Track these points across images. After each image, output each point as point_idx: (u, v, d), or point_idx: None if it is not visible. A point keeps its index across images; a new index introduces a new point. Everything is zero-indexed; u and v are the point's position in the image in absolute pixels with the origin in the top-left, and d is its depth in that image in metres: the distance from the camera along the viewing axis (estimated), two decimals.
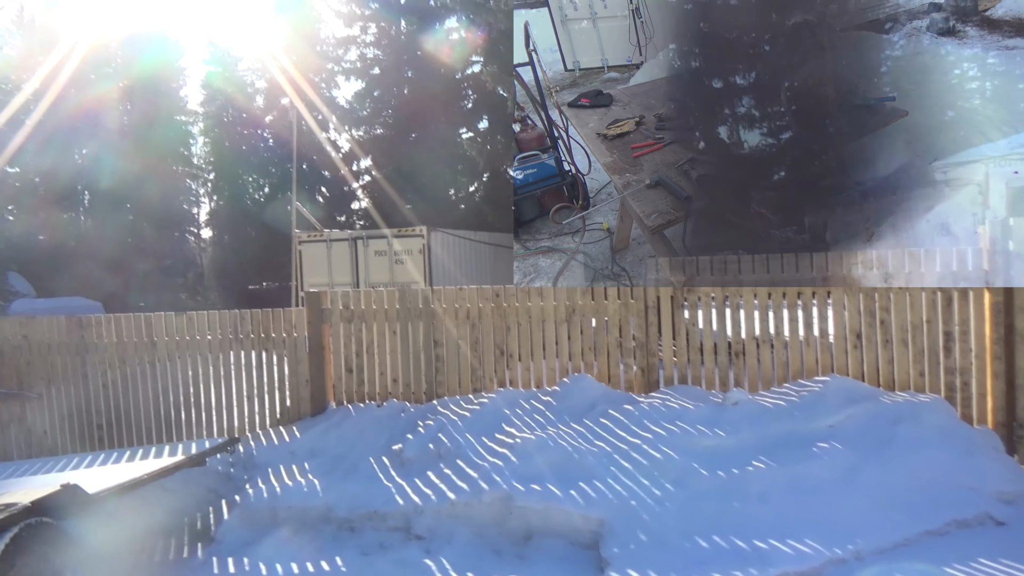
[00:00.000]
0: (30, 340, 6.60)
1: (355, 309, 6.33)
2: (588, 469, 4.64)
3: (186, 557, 4.80)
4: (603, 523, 4.19)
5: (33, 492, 4.03)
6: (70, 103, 21.91)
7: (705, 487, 4.35)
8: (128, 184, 24.11)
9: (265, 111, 27.82)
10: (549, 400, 5.59)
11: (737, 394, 5.19)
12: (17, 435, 6.61)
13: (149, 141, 24.83)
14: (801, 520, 4.00)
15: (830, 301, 5.41)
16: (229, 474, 5.65)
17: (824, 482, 4.26)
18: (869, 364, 5.26)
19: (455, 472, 4.88)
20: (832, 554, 3.72)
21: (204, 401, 6.44)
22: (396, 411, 5.98)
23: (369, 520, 4.76)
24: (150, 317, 6.53)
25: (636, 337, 5.80)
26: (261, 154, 27.80)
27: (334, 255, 12.92)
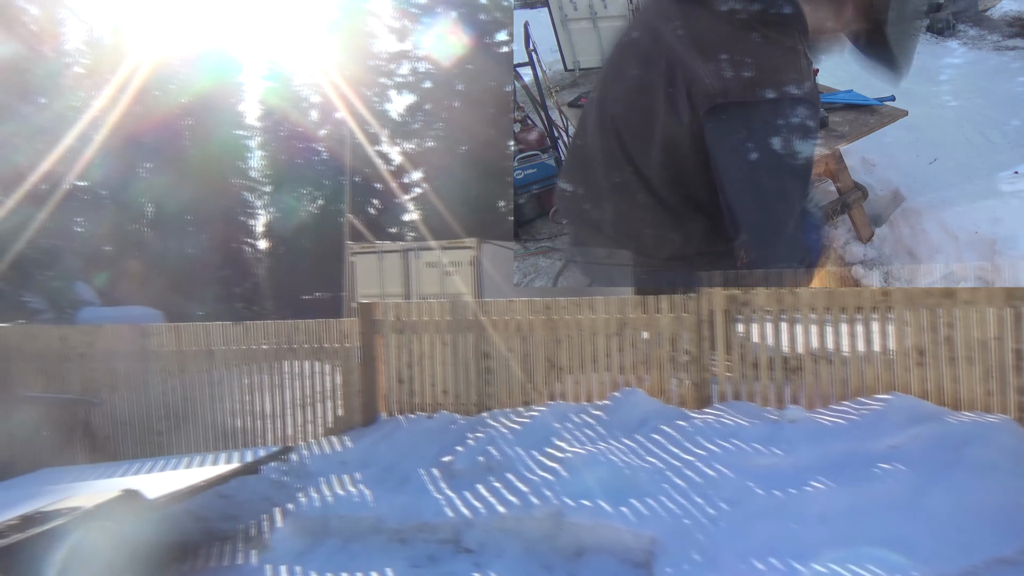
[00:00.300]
0: (95, 348, 6.83)
1: (406, 320, 6.38)
2: (639, 486, 4.57)
3: (241, 564, 4.88)
4: (655, 541, 4.12)
5: (95, 497, 4.15)
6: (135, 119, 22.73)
7: (761, 507, 4.23)
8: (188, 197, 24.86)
9: (319, 125, 28.42)
10: (599, 414, 5.54)
11: (794, 411, 5.06)
12: (82, 440, 6.84)
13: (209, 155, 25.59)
14: (863, 542, 3.86)
15: (891, 316, 5.23)
16: (283, 482, 5.73)
17: (887, 504, 4.11)
18: (933, 382, 5.06)
19: (505, 485, 4.85)
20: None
21: (259, 410, 6.56)
22: (446, 423, 6.00)
23: (419, 532, 4.77)
24: (208, 326, 6.70)
25: (689, 351, 5.70)
26: (315, 167, 28.39)
27: (385, 267, 13.07)
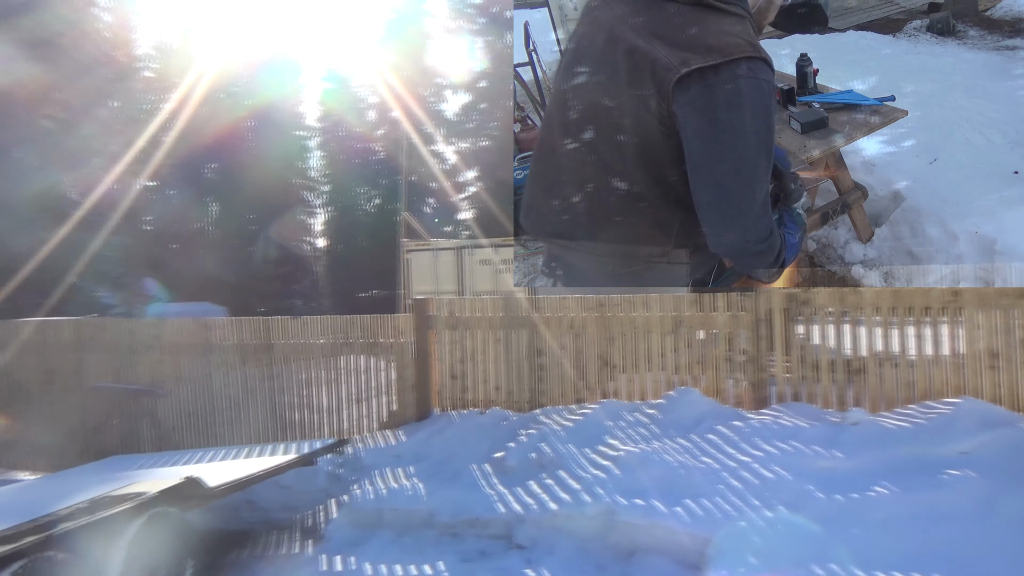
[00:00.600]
0: (161, 341, 7.07)
1: (460, 316, 6.41)
2: (694, 486, 4.49)
3: (297, 553, 4.98)
4: (710, 543, 4.03)
5: (160, 483, 4.28)
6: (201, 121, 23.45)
7: (821, 511, 4.10)
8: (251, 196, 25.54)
9: (376, 125, 28.83)
10: (654, 413, 5.46)
11: (857, 414, 4.89)
12: (148, 429, 7.08)
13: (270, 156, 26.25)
14: (929, 552, 3.71)
15: (962, 319, 5.02)
16: (338, 474, 5.83)
17: (955, 512, 3.94)
18: (1007, 387, 4.84)
19: (557, 482, 4.83)
20: None
21: (315, 403, 6.69)
22: (498, 419, 6.01)
23: (471, 527, 4.79)
24: (268, 320, 6.86)
25: (746, 351, 5.58)
26: (372, 167, 28.82)
27: (440, 264, 13.18)
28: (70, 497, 4.23)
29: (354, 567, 4.50)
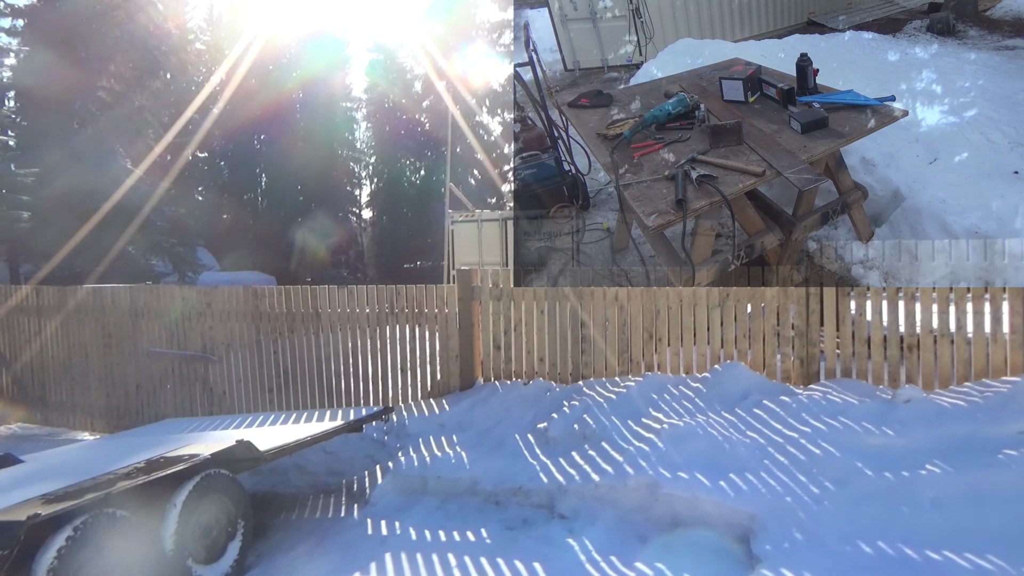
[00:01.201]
0: (212, 308, 7.24)
1: (504, 288, 6.42)
2: (739, 460, 4.44)
3: (343, 516, 5.09)
4: (755, 518, 4.00)
5: (213, 446, 4.42)
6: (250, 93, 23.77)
7: (870, 488, 4.03)
8: (299, 167, 25.88)
9: (422, 96, 28.86)
10: (699, 387, 5.41)
11: (909, 391, 4.76)
12: (201, 393, 7.30)
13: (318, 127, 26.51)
14: (982, 533, 3.61)
15: None
16: (383, 441, 5.93)
17: (1011, 493, 3.82)
18: None
19: (600, 454, 4.84)
20: (1019, 573, 3.33)
21: (361, 371, 6.79)
22: (542, 390, 6.02)
23: (514, 496, 4.83)
24: (316, 290, 6.96)
25: (795, 325, 5.47)
26: (417, 138, 28.91)
27: (485, 235, 13.19)
28: (129, 457, 4.40)
29: (399, 532, 4.59)
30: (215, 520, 4.15)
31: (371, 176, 30.71)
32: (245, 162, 26.38)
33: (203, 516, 4.05)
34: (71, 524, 3.33)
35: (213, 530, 4.13)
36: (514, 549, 4.28)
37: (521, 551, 4.25)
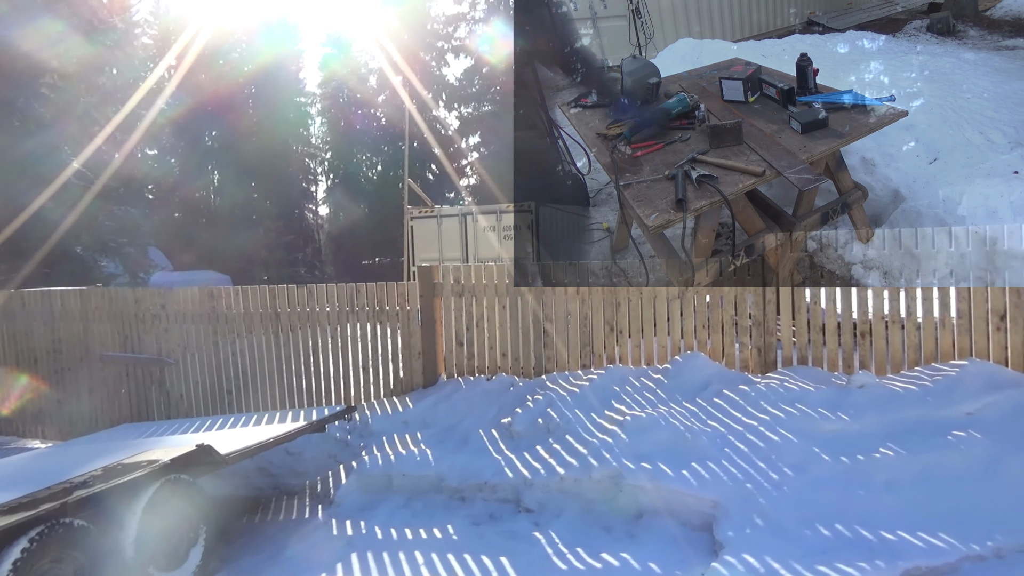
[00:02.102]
0: (168, 310, 7.09)
1: (465, 283, 6.41)
2: (701, 449, 4.52)
3: (307, 517, 5.05)
4: (717, 505, 4.08)
5: (172, 451, 4.33)
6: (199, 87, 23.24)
7: (827, 473, 4.14)
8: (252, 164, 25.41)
9: (378, 91, 28.58)
10: (660, 378, 5.48)
11: (863, 377, 4.90)
12: (157, 397, 7.14)
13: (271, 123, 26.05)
14: (934, 512, 3.74)
15: (971, 278, 5.00)
16: (347, 441, 5.88)
17: (960, 473, 3.97)
18: (1014, 348, 4.83)
19: (564, 447, 4.87)
20: (969, 550, 3.46)
21: (323, 370, 6.73)
22: (505, 385, 6.04)
23: (479, 491, 4.85)
24: (274, 289, 6.86)
25: (753, 315, 5.58)
26: (374, 133, 28.63)
27: (444, 231, 13.15)
28: (84, 465, 4.29)
29: (364, 531, 4.56)
30: (176, 526, 4.08)
31: (327, 172, 30.33)
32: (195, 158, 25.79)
33: (164, 522, 3.97)
34: (27, 536, 3.23)
35: (174, 536, 4.06)
36: (480, 544, 4.29)
37: (488, 546, 4.26)
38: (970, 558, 3.43)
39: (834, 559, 3.46)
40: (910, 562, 3.39)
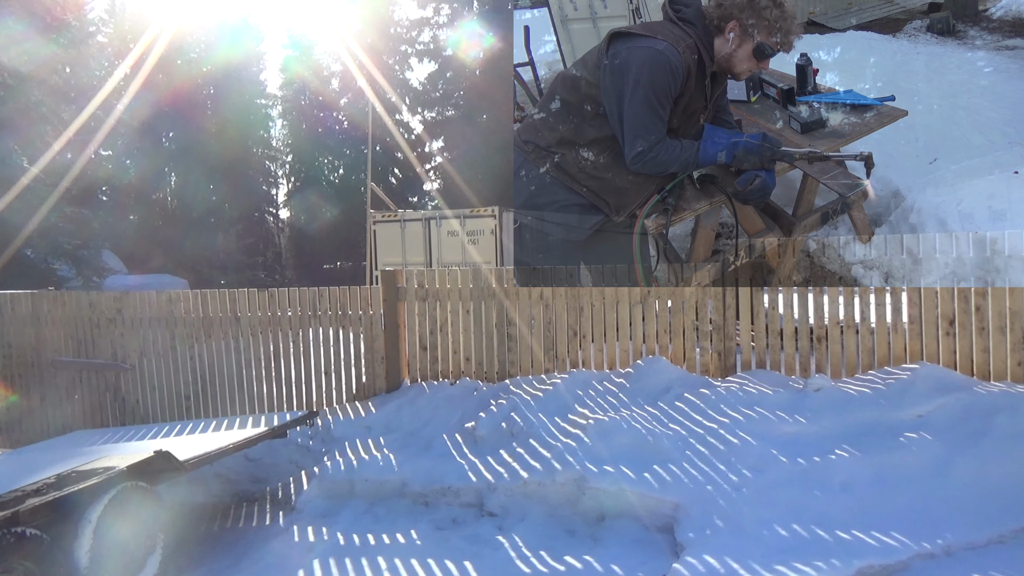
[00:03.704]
0: (124, 314, 6.94)
1: (429, 288, 6.40)
2: (662, 452, 4.58)
3: (268, 524, 4.98)
4: (678, 507, 4.13)
5: (129, 458, 4.24)
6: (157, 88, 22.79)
7: (785, 474, 4.23)
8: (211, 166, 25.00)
9: (340, 94, 28.35)
10: (622, 382, 5.54)
11: (819, 380, 5.02)
12: (112, 403, 6.98)
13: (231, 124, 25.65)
14: (887, 512, 3.85)
15: (922, 283, 5.16)
16: (308, 446, 5.83)
17: (912, 474, 4.09)
18: (963, 353, 5.00)
19: (528, 451, 4.89)
20: (920, 548, 3.57)
21: (284, 375, 6.65)
22: (469, 389, 6.04)
23: (443, 496, 4.84)
24: (234, 293, 6.77)
25: (713, 320, 5.67)
26: (336, 136, 28.39)
27: (408, 235, 13.11)
28: (37, 472, 4.18)
29: (327, 537, 4.52)
30: (133, 535, 3.99)
31: (288, 175, 29.97)
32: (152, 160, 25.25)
33: (120, 531, 3.88)
34: None
35: (131, 544, 3.97)
36: (444, 549, 4.29)
37: (451, 551, 4.26)
38: (921, 556, 3.53)
39: (792, 558, 3.54)
40: (864, 560, 3.48)
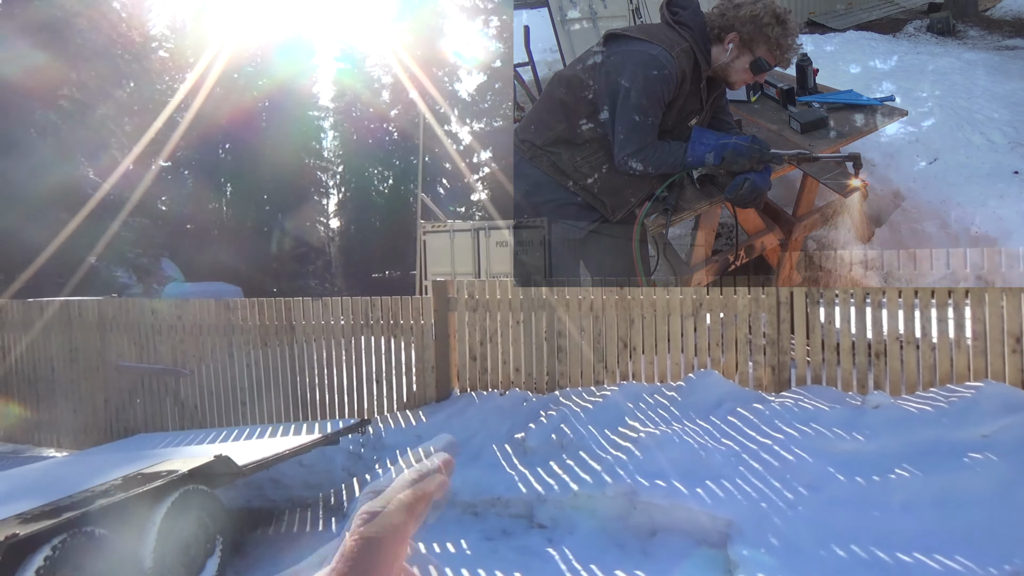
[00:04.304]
0: (184, 321, 7.15)
1: (479, 298, 6.45)
2: (715, 468, 4.53)
3: (321, 530, 5.07)
4: (731, 524, 4.08)
5: (190, 461, 4.37)
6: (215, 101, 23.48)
7: (842, 493, 4.14)
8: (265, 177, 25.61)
9: (390, 105, 28.79)
10: (673, 395, 5.49)
11: (878, 397, 4.90)
12: (172, 408, 7.19)
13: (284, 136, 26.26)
14: (950, 534, 3.74)
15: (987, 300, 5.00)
16: (360, 454, 5.91)
17: (976, 496, 3.96)
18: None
19: (577, 463, 4.88)
20: (986, 572, 3.46)
21: (336, 383, 6.76)
22: (518, 400, 6.06)
23: (492, 506, 4.86)
24: (289, 302, 6.92)
25: (767, 334, 5.59)
26: (386, 147, 28.82)
27: (457, 245, 13.20)
28: (102, 475, 4.33)
29: None
30: (194, 537, 4.11)
31: (339, 185, 30.53)
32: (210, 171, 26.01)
33: (182, 533, 4.00)
34: (50, 544, 3.27)
35: (192, 547, 4.09)
36: (494, 559, 4.30)
37: (501, 561, 4.27)
38: None
39: None
40: None
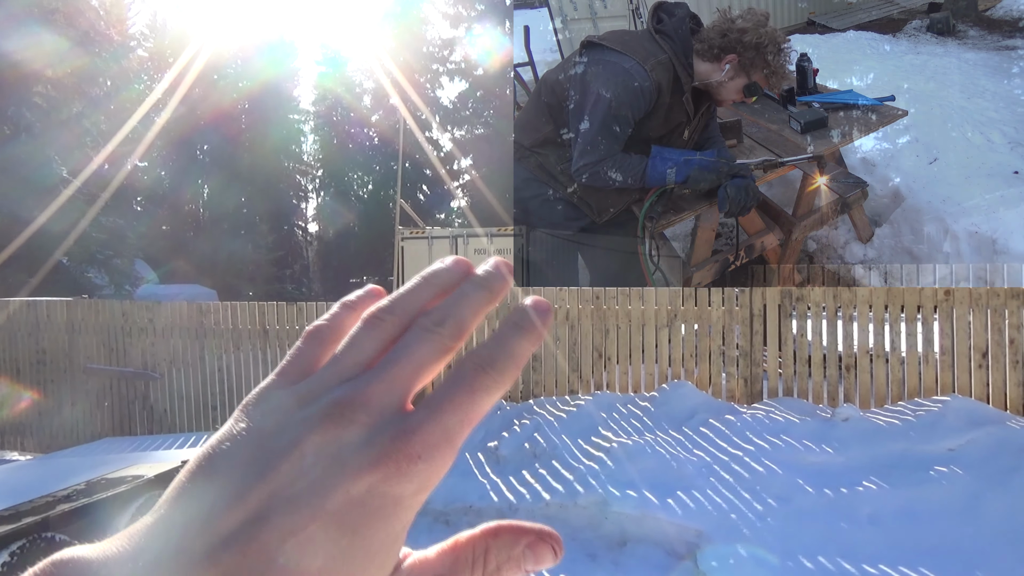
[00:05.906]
0: (155, 324, 7.06)
1: None
2: (686, 478, 4.54)
3: None
4: (701, 534, 4.09)
5: (157, 466, 4.30)
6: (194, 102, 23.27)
7: (810, 505, 4.18)
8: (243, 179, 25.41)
9: (372, 111, 28.71)
10: (647, 406, 5.51)
11: (847, 410, 4.96)
12: (141, 412, 7.08)
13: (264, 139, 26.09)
14: (915, 547, 3.78)
15: (955, 315, 5.07)
16: None
17: (942, 508, 4.01)
18: (995, 386, 4.90)
19: (550, 473, 4.88)
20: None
21: None
22: (492, 408, 6.03)
23: (464, 514, 4.83)
24: (263, 306, 6.85)
25: (740, 345, 5.63)
26: (366, 152, 28.72)
27: (435, 252, 13.16)
28: (66, 479, 4.24)
29: None
30: None
31: (318, 189, 30.37)
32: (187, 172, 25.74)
33: None
34: (7, 549, 3.20)
35: None
36: None
37: None
38: None
39: None
40: None
